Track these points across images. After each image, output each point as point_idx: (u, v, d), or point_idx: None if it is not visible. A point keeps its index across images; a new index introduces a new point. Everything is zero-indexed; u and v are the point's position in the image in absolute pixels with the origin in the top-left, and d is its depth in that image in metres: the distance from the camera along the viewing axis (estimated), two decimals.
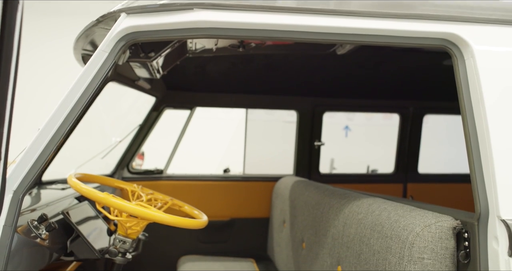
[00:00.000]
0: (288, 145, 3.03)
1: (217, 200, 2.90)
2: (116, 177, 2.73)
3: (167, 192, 2.82)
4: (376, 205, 1.42)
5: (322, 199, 1.84)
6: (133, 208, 1.29)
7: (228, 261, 2.58)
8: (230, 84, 2.75)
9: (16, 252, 1.16)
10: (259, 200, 2.94)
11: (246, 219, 2.94)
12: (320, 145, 2.99)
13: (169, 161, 2.90)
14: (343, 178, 3.14)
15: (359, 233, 1.41)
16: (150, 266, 2.78)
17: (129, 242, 1.45)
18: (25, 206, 1.46)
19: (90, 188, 1.34)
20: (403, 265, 1.15)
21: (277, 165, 3.28)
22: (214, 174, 3.00)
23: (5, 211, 1.09)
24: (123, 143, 2.74)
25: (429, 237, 1.14)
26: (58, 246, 1.39)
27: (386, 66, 2.40)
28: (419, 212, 1.24)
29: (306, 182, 2.28)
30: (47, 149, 1.13)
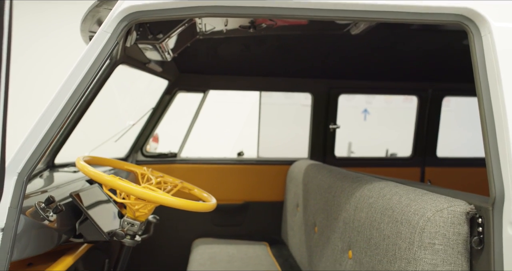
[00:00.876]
0: (303, 128, 2.99)
1: (231, 183, 2.89)
2: (130, 160, 2.75)
3: (181, 175, 2.83)
4: (388, 189, 1.38)
5: (334, 183, 1.81)
6: (139, 191, 1.28)
7: (242, 244, 2.58)
8: (243, 67, 2.71)
9: (23, 233, 1.17)
10: (273, 184, 2.92)
11: (260, 203, 2.93)
12: (335, 128, 2.94)
13: (182, 144, 2.90)
14: (359, 162, 3.09)
15: (370, 217, 1.37)
16: (164, 249, 2.81)
17: (137, 225, 1.45)
18: (35, 188, 1.48)
19: (97, 171, 1.34)
20: (413, 250, 1.12)
21: (291, 149, 3.24)
22: (228, 157, 2.98)
23: (10, 193, 1.09)
24: (137, 127, 2.74)
25: (440, 222, 1.09)
26: (67, 228, 1.40)
27: (403, 47, 2.32)
28: (431, 196, 1.19)
29: (319, 165, 2.25)
30: (50, 131, 1.13)
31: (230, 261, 2.22)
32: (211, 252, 2.40)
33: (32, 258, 1.51)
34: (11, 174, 1.09)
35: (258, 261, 2.24)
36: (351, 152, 6.49)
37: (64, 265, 1.39)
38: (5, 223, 1.09)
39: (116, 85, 2.61)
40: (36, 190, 1.44)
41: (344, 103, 6.81)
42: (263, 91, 3.20)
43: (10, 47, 0.81)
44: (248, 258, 2.30)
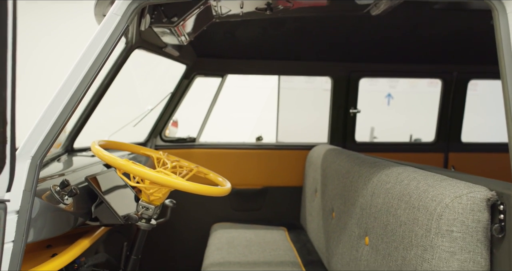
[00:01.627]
0: (322, 112, 2.94)
1: (250, 168, 2.89)
2: (149, 145, 2.77)
3: (200, 160, 2.84)
4: (406, 174, 1.34)
5: (352, 168, 1.78)
6: (152, 175, 1.28)
7: (260, 229, 2.58)
8: (261, 50, 2.67)
9: (39, 216, 1.19)
10: (292, 169, 2.90)
11: (279, 188, 2.92)
12: (356, 113, 2.88)
13: (201, 129, 2.90)
14: (380, 147, 3.02)
15: (387, 203, 1.34)
16: (183, 233, 2.84)
17: (152, 209, 1.46)
18: (52, 172, 1.50)
19: (111, 155, 1.34)
20: (430, 237, 1.08)
21: (311, 134, 3.20)
22: (247, 142, 2.97)
23: (24, 177, 1.11)
24: (156, 112, 2.75)
25: (459, 209, 1.05)
26: (83, 211, 1.42)
27: (426, 28, 2.23)
28: (450, 181, 1.15)
29: (338, 150, 2.21)
30: (62, 115, 1.13)
31: (248, 246, 2.22)
32: (229, 236, 2.41)
33: (51, 240, 1.54)
34: (24, 158, 1.11)
35: (276, 246, 2.24)
36: (373, 137, 6.39)
37: (80, 248, 1.41)
38: (20, 206, 1.10)
39: (136, 70, 2.62)
40: (53, 174, 1.46)
41: (367, 88, 6.70)
42: (282, 76, 3.15)
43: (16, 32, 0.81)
44: (266, 243, 2.30)
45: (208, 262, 2.01)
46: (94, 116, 2.05)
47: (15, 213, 1.10)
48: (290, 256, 2.09)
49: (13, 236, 1.10)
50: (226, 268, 1.89)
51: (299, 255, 2.14)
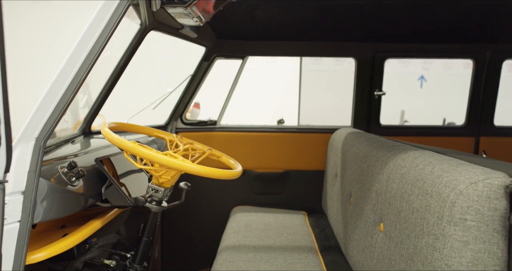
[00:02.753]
0: (346, 95, 2.85)
1: (271, 151, 2.85)
2: (170, 128, 2.77)
3: (221, 143, 2.82)
4: (422, 159, 1.27)
5: (370, 151, 1.71)
6: (156, 157, 1.27)
7: (280, 213, 2.55)
8: (282, 31, 2.59)
9: (46, 197, 1.20)
10: (314, 152, 2.84)
11: (301, 171, 2.87)
12: (380, 95, 2.78)
13: (222, 111, 2.88)
14: (406, 130, 2.91)
15: (401, 189, 1.28)
16: (204, 215, 2.86)
17: (162, 191, 1.45)
18: (65, 153, 1.51)
19: (118, 137, 1.33)
20: (442, 225, 1.02)
21: (334, 117, 3.12)
22: (268, 125, 2.93)
23: (29, 158, 1.11)
24: (177, 95, 2.74)
25: (474, 196, 0.98)
26: (93, 192, 1.43)
27: (457, 4, 2.09)
28: (467, 167, 1.07)
29: (358, 134, 2.14)
30: (65, 96, 1.12)
31: (265, 230, 2.20)
32: (248, 220, 2.40)
33: (65, 221, 1.56)
34: (28, 139, 1.11)
35: (294, 231, 2.21)
36: (404, 121, 6.20)
37: (90, 229, 1.43)
38: (25, 187, 1.11)
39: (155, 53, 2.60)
40: (65, 155, 1.47)
41: (398, 70, 6.46)
42: (304, 57, 3.06)
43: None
44: (284, 227, 2.27)
45: (224, 245, 2.01)
46: (115, 99, 2.06)
47: (20, 194, 1.11)
48: (307, 241, 2.06)
49: (19, 216, 1.11)
50: (241, 252, 1.88)
51: (316, 240, 2.10)
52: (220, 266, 1.74)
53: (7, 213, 1.08)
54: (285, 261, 1.77)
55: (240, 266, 1.71)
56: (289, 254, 1.86)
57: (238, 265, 1.73)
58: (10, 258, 1.11)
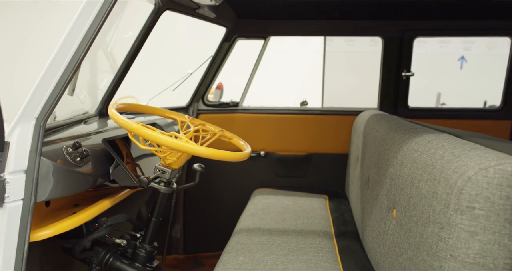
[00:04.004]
0: (373, 76, 2.74)
1: (294, 134, 2.80)
2: (191, 110, 2.77)
3: (243, 125, 2.80)
4: (435, 142, 1.19)
5: (387, 134, 1.63)
6: (158, 137, 1.25)
7: (300, 196, 2.51)
8: (306, 10, 2.50)
9: (49, 175, 1.21)
10: (338, 135, 2.77)
11: (324, 154, 2.81)
12: (409, 76, 2.65)
13: (244, 93, 2.84)
14: (436, 113, 2.77)
15: (411, 174, 1.21)
16: (226, 197, 2.86)
17: (169, 172, 1.44)
18: (77, 133, 1.53)
19: (123, 118, 1.33)
20: (448, 214, 0.95)
21: (360, 99, 3.01)
22: (291, 107, 2.87)
23: (30, 138, 1.12)
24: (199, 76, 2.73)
25: (483, 183, 0.91)
26: (101, 172, 1.44)
27: None
28: (479, 151, 0.99)
29: (380, 116, 2.05)
30: (64, 75, 1.12)
31: (282, 213, 2.17)
32: (267, 202, 2.37)
33: (79, 200, 1.59)
34: (28, 119, 1.12)
35: (311, 215, 2.17)
36: (441, 104, 5.94)
37: (99, 208, 1.44)
38: (27, 166, 1.13)
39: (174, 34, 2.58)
40: (77, 135, 1.48)
41: (437, 50, 6.16)
42: (328, 36, 2.95)
43: None
44: (302, 210, 2.23)
45: (239, 228, 2.00)
46: (135, 80, 2.06)
47: (23, 173, 1.13)
48: (323, 226, 2.01)
49: (22, 194, 1.13)
50: (254, 235, 1.86)
51: (333, 225, 2.05)
52: (231, 248, 1.73)
53: (9, 191, 1.10)
54: (298, 245, 1.74)
55: (251, 249, 1.69)
56: (302, 238, 1.82)
57: (249, 248, 1.71)
58: (15, 235, 1.14)
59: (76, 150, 1.28)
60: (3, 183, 1.09)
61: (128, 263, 1.52)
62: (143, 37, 1.91)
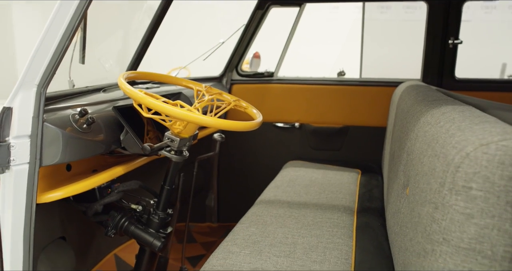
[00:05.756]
0: (415, 45, 2.55)
1: (330, 105, 2.70)
2: (225, 80, 2.75)
3: (277, 96, 2.74)
4: (448, 115, 1.08)
5: (412, 106, 1.52)
6: (160, 106, 1.24)
7: (332, 170, 2.44)
8: None
9: (56, 141, 1.25)
10: (376, 107, 2.63)
11: (361, 127, 2.70)
12: (456, 44, 2.43)
13: (279, 63, 2.76)
14: (486, 85, 2.54)
15: (420, 149, 1.11)
16: (259, 168, 2.85)
17: (177, 141, 1.44)
18: (95, 100, 1.57)
19: (129, 87, 1.33)
20: (443, 193, 0.86)
21: (402, 69, 2.82)
22: (328, 77, 2.76)
23: (32, 104, 1.16)
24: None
25: (483, 161, 0.81)
26: (112, 139, 1.47)
27: None
28: (487, 125, 0.88)
29: (414, 87, 1.91)
30: (61, 42, 1.13)
31: (307, 186, 2.12)
32: (295, 175, 2.33)
33: (98, 166, 1.65)
34: (30, 86, 1.15)
35: (338, 189, 2.10)
36: (509, 76, 5.46)
37: (110, 174, 1.48)
38: (31, 131, 1.17)
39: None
40: (91, 103, 1.52)
41: (497, 18, 5.65)
42: (367, 2, 2.76)
43: None
44: (329, 184, 2.17)
45: (260, 199, 1.99)
46: (166, 51, 2.07)
47: (27, 137, 1.17)
48: (347, 201, 1.94)
49: (27, 158, 1.18)
50: (272, 207, 1.84)
51: (358, 200, 1.97)
52: (246, 219, 1.72)
53: (14, 154, 1.15)
54: (314, 220, 1.69)
55: (265, 221, 1.68)
56: (321, 213, 1.77)
57: (263, 219, 1.69)
58: (23, 197, 1.20)
59: (83, 116, 1.31)
60: (7, 147, 1.14)
61: (142, 228, 1.57)
62: (165, 6, 1.89)
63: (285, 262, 1.33)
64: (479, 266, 0.83)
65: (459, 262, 0.84)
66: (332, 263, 1.35)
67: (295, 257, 1.37)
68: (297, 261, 1.34)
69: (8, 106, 1.13)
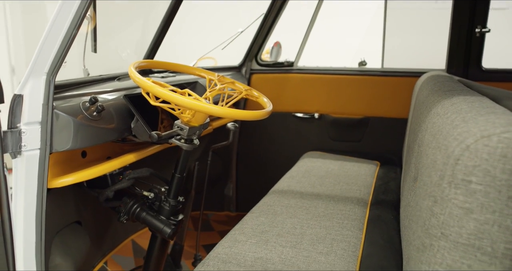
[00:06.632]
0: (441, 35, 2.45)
1: (350, 95, 2.66)
2: (244, 69, 2.74)
3: (297, 85, 2.71)
4: (457, 105, 1.04)
5: (427, 97, 1.47)
6: (166, 94, 1.25)
7: (350, 161, 2.41)
8: None
9: (67, 128, 1.28)
10: (398, 98, 2.57)
11: (382, 118, 2.64)
12: (484, 33, 2.33)
13: (299, 52, 2.73)
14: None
15: (427, 141, 1.08)
16: (278, 158, 2.84)
17: (186, 129, 1.45)
18: (110, 88, 1.60)
19: (137, 75, 1.34)
20: (442, 187, 0.83)
21: (426, 59, 2.73)
22: (348, 67, 2.70)
23: (42, 92, 1.19)
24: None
25: (483, 153, 0.77)
26: (123, 126, 1.49)
27: None
28: (493, 116, 0.84)
29: (435, 77, 1.85)
30: (69, 30, 1.15)
31: (323, 177, 2.10)
32: (312, 165, 2.31)
33: (112, 153, 1.68)
34: (39, 74, 1.18)
35: (353, 181, 2.07)
36: None
37: (121, 161, 1.51)
38: (41, 118, 1.21)
39: None
40: (104, 91, 1.55)
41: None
42: None
43: None
44: (345, 176, 2.14)
45: (273, 190, 1.98)
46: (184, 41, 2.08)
47: (38, 124, 1.21)
48: (362, 193, 1.91)
49: (38, 144, 1.22)
50: (284, 197, 1.83)
51: (373, 193, 1.94)
52: (256, 209, 1.72)
53: (25, 140, 1.19)
54: (325, 211, 1.68)
55: (275, 211, 1.67)
56: (333, 204, 1.75)
57: (274, 209, 1.69)
58: (34, 181, 1.24)
59: (93, 104, 1.34)
60: (19, 133, 1.17)
61: (153, 215, 1.59)
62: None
63: (290, 252, 1.33)
64: (479, 263, 0.80)
65: (458, 258, 0.82)
66: (338, 255, 1.33)
67: (301, 247, 1.36)
68: (303, 252, 1.33)
69: (19, 94, 1.16)
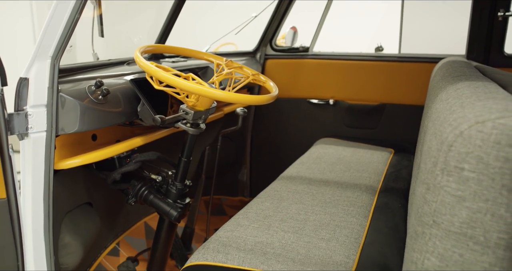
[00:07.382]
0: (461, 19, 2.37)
1: (366, 82, 2.61)
2: (259, 54, 2.72)
3: (312, 71, 2.68)
4: (460, 91, 1.01)
5: (438, 82, 1.43)
6: (168, 78, 1.26)
7: (364, 148, 2.38)
8: None
9: (73, 110, 1.31)
10: (415, 85, 2.51)
11: (398, 105, 2.59)
12: (507, 16, 2.24)
13: (315, 37, 2.69)
14: None
15: (428, 127, 1.05)
16: (292, 143, 2.82)
17: (191, 114, 1.45)
18: (118, 72, 1.61)
19: (142, 60, 1.35)
20: (435, 174, 0.81)
21: (447, 44, 2.65)
22: (364, 52, 2.65)
23: (47, 75, 1.21)
24: None
25: (477, 140, 0.75)
26: (129, 110, 1.51)
27: None
28: (489, 101, 0.81)
29: (449, 63, 1.79)
30: (72, 14, 1.16)
31: (334, 164, 2.08)
32: (324, 152, 2.29)
33: (121, 136, 1.71)
34: (44, 58, 1.20)
35: (365, 168, 2.04)
36: None
37: (128, 144, 1.53)
38: (46, 101, 1.23)
39: None
40: (111, 75, 1.57)
41: None
42: None
43: None
44: (357, 163, 2.11)
45: (282, 175, 1.98)
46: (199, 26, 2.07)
47: (44, 107, 1.24)
48: (371, 180, 1.89)
49: (45, 126, 1.25)
50: (292, 183, 1.83)
51: (384, 180, 1.91)
52: (263, 194, 1.73)
53: (32, 122, 1.22)
54: (332, 197, 1.67)
55: (281, 196, 1.67)
56: (340, 191, 1.74)
57: (280, 195, 1.69)
58: (41, 163, 1.28)
59: (98, 88, 1.36)
60: (25, 115, 1.21)
61: (160, 198, 1.62)
62: None
63: (292, 237, 1.33)
64: (471, 252, 0.78)
65: (449, 247, 0.80)
66: (340, 242, 1.33)
67: (303, 233, 1.36)
68: (304, 238, 1.33)
69: (24, 77, 1.19)
